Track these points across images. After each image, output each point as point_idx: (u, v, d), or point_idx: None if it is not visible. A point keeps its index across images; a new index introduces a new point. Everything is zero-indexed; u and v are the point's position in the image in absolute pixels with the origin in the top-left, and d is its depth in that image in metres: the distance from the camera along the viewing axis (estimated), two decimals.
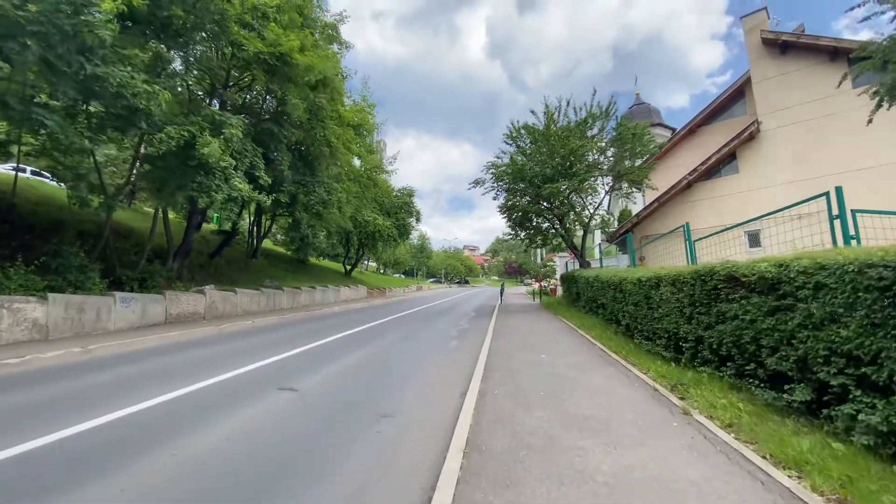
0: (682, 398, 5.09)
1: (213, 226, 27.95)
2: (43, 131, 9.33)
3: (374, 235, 31.65)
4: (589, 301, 14.43)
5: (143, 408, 5.04)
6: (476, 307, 23.90)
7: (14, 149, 12.29)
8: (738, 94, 20.80)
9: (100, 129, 11.33)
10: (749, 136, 17.82)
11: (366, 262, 54.20)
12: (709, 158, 18.28)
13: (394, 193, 36.49)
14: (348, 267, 37.89)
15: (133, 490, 3.14)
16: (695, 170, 18.51)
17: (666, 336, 7.00)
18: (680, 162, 21.53)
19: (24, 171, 18.01)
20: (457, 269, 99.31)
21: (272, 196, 15.20)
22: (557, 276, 38.43)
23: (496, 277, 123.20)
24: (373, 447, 3.93)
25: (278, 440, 4.12)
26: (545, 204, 19.77)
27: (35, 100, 9.57)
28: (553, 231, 21.85)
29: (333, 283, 28.58)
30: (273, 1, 13.57)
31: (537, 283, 34.62)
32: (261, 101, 17.83)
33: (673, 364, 6.50)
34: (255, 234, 24.60)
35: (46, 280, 9.85)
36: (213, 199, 12.06)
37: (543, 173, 17.82)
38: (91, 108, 10.77)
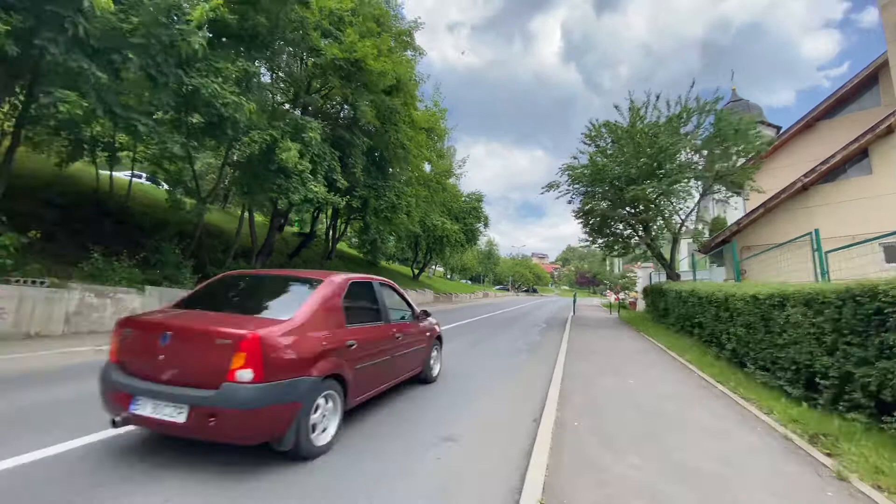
0: (829, 454, 3.94)
1: (294, 228, 29.72)
2: (152, 139, 10.22)
3: (442, 240, 31.63)
4: (681, 318, 12.81)
5: None
6: (547, 318, 22.70)
7: (127, 156, 13.77)
8: (870, 81, 17.60)
9: (197, 137, 12.32)
10: (887, 130, 14.87)
11: (433, 266, 54.71)
12: (832, 157, 15.55)
13: (462, 198, 36.31)
14: (416, 271, 38.35)
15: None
16: (812, 170, 15.86)
17: (793, 368, 5.69)
18: (790, 162, 18.67)
19: (140, 177, 20.35)
20: (524, 277, 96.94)
21: (346, 198, 15.57)
22: (638, 289, 35.56)
23: (566, 287, 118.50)
24: (433, 480, 3.42)
25: (334, 449, 3.77)
26: (627, 209, 18.17)
27: (153, 115, 10.58)
28: (636, 239, 20.05)
29: (401, 286, 28.98)
30: (348, 4, 13.89)
31: (614, 296, 32.26)
32: (339, 109, 18.50)
33: (804, 405, 5.22)
34: (330, 236, 25.67)
35: (146, 274, 10.76)
36: (291, 200, 12.54)
37: (627, 174, 16.34)
38: (192, 120, 11.72)
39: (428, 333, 6.58)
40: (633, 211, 18.24)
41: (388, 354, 5.08)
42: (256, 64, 13.18)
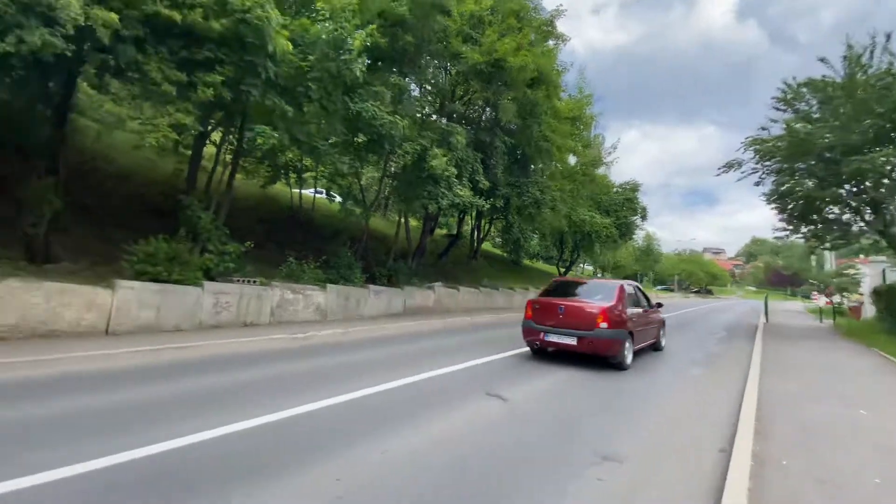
0: None
1: (442, 230, 31.55)
2: (328, 161, 11.98)
3: (591, 236, 29.55)
4: None
5: (368, 393, 5.47)
6: (727, 325, 19.17)
7: (311, 176, 16.40)
8: None
9: (360, 155, 13.99)
10: None
11: (581, 264, 51.69)
12: None
13: (613, 189, 33.34)
14: (562, 269, 36.74)
15: (348, 480, 3.16)
16: None
17: None
18: None
19: (320, 192, 24.17)
20: (695, 276, 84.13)
21: (490, 201, 15.74)
22: (864, 290, 27.30)
23: (752, 288, 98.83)
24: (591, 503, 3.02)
25: (482, 459, 3.69)
26: (846, 187, 14.07)
27: (328, 140, 12.47)
28: (859, 225, 15.40)
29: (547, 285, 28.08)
30: (487, 3, 13.97)
31: (825, 299, 25.43)
32: (480, 113, 18.87)
33: None
34: (475, 237, 26.41)
35: (326, 274, 12.62)
36: (440, 204, 13.24)
37: (844, 142, 12.62)
38: (358, 140, 13.36)
39: (660, 317, 10.67)
40: (854, 189, 14.04)
41: (644, 326, 9.06)
42: (406, 80, 14.30)
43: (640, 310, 9.08)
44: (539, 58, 15.87)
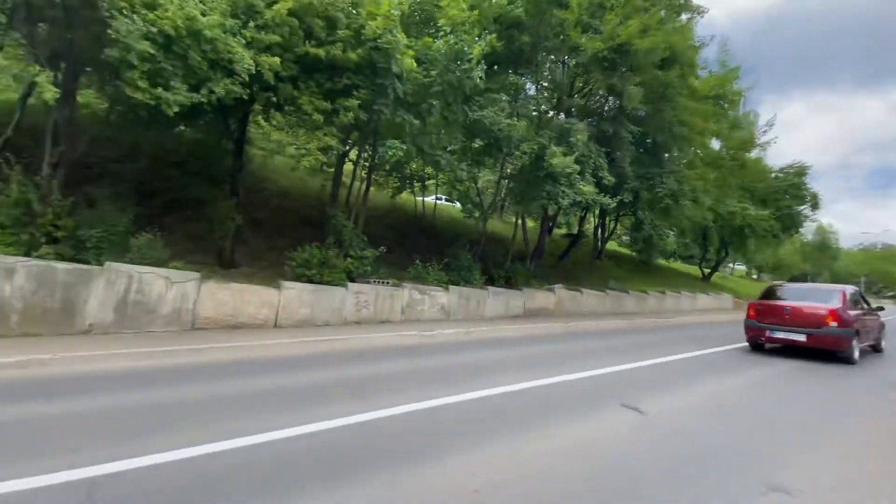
0: None
1: (561, 230, 30.39)
2: (447, 169, 12.55)
3: (742, 230, 25.46)
4: None
5: (495, 393, 5.54)
6: None
7: (432, 184, 17.32)
8: None
9: (477, 160, 14.31)
10: None
11: (730, 264, 44.85)
12: None
13: (772, 175, 28.24)
14: (706, 270, 32.35)
15: (483, 476, 3.26)
16: None
17: None
18: None
19: (440, 199, 25.36)
20: (891, 276, 66.50)
21: (617, 198, 14.68)
22: None
23: None
24: None
25: (616, 476, 3.45)
26: None
27: (447, 148, 13.10)
28: None
29: (687, 288, 24.96)
30: None
31: None
32: (602, 103, 17.72)
33: None
34: (599, 235, 24.84)
35: (448, 276, 13.18)
36: (560, 204, 12.79)
37: None
38: (474, 145, 13.73)
39: (879, 321, 11.27)
40: None
41: (866, 327, 10.02)
42: (522, 79, 14.18)
43: (861, 311, 10.04)
44: (670, 35, 14.31)
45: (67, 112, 8.00)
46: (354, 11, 8.60)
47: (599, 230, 24.77)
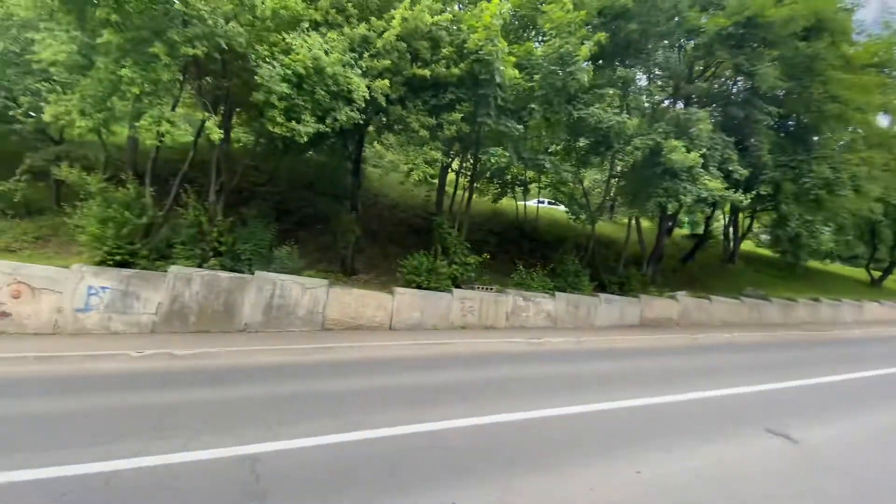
0: None
1: (683, 230, 27.41)
2: (550, 172, 12.27)
3: None
4: None
5: (612, 407, 5.21)
6: None
7: (534, 187, 17.03)
8: None
9: (583, 160, 13.70)
10: None
11: None
12: None
13: None
14: (876, 274, 26.34)
15: (601, 492, 3.12)
16: None
17: None
18: None
19: (542, 202, 24.80)
20: None
21: (751, 193, 12.81)
22: None
23: None
24: None
25: None
26: None
27: (548, 150, 12.87)
28: None
29: (850, 295, 20.63)
30: None
31: None
32: (729, 86, 15.67)
33: None
34: (730, 235, 21.86)
35: (554, 281, 12.79)
36: (681, 201, 11.60)
37: None
38: (579, 144, 13.20)
39: None
40: None
41: None
42: (632, 70, 13.22)
43: None
44: (813, 1, 12.13)
45: (226, 148, 9.67)
46: (456, 28, 8.94)
47: (731, 229, 21.80)
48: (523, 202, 18.76)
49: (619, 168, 15.31)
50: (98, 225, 7.51)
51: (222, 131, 8.18)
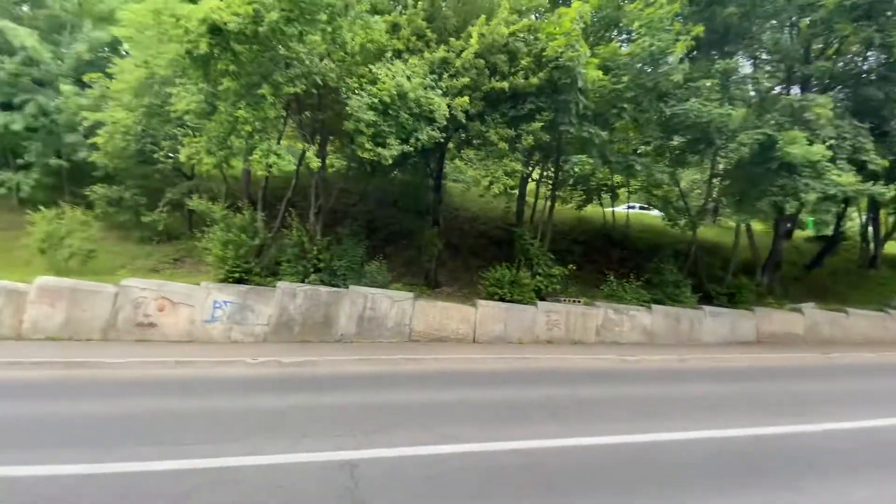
0: None
1: (806, 232, 23.77)
2: (642, 174, 11.48)
3: None
4: None
5: (729, 435, 4.63)
6: None
7: (623, 192, 16.05)
8: None
9: (680, 160, 12.63)
10: None
11: None
12: None
13: None
14: None
15: None
16: None
17: None
18: None
19: (633, 207, 23.24)
20: None
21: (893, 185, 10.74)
22: None
23: None
24: None
25: None
26: None
27: (637, 150, 12.10)
28: None
29: None
30: None
31: None
32: (858, 63, 13.40)
33: None
34: (870, 236, 18.44)
35: (650, 293, 11.83)
36: (803, 200, 10.11)
37: None
38: (672, 143, 12.21)
39: None
40: None
41: None
42: (733, 59, 11.95)
43: None
44: None
45: (322, 173, 10.59)
46: (533, 38, 8.86)
47: (871, 228, 18.42)
48: (611, 208, 17.76)
49: (721, 166, 13.85)
50: (221, 247, 8.64)
51: (319, 159, 8.97)
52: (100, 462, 3.45)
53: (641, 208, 24.68)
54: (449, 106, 8.38)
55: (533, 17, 10.83)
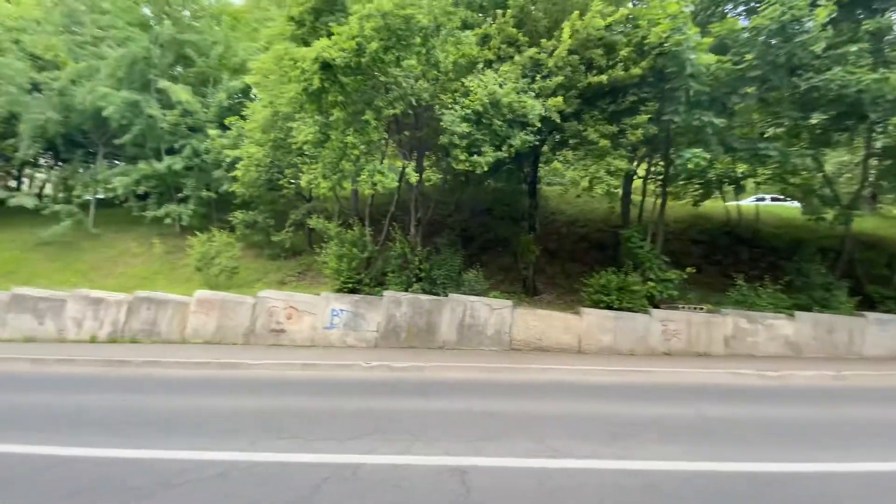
0: None
1: None
2: (774, 159, 9.98)
3: None
4: None
5: (892, 470, 3.73)
6: None
7: (750, 183, 14.06)
8: None
9: (822, 140, 10.73)
10: None
11: None
12: None
13: None
14: None
15: None
16: None
17: None
18: None
19: (763, 199, 20.21)
20: None
21: None
22: None
23: None
24: None
25: None
26: None
27: (764, 134, 10.61)
28: None
29: None
30: None
31: None
32: None
33: None
34: None
35: (792, 298, 10.12)
36: None
37: None
38: (811, 121, 10.44)
39: None
40: None
41: None
42: (885, 17, 9.83)
43: None
44: None
45: (420, 187, 11.10)
46: (632, 27, 8.29)
47: None
48: (735, 202, 15.69)
49: (879, 144, 11.48)
50: (336, 260, 9.52)
51: (417, 174, 9.42)
52: (246, 451, 3.99)
53: (773, 200, 21.47)
54: (543, 107, 8.21)
55: (630, 4, 10.16)
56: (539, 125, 8.20)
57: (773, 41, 7.85)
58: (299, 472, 3.64)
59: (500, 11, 8.96)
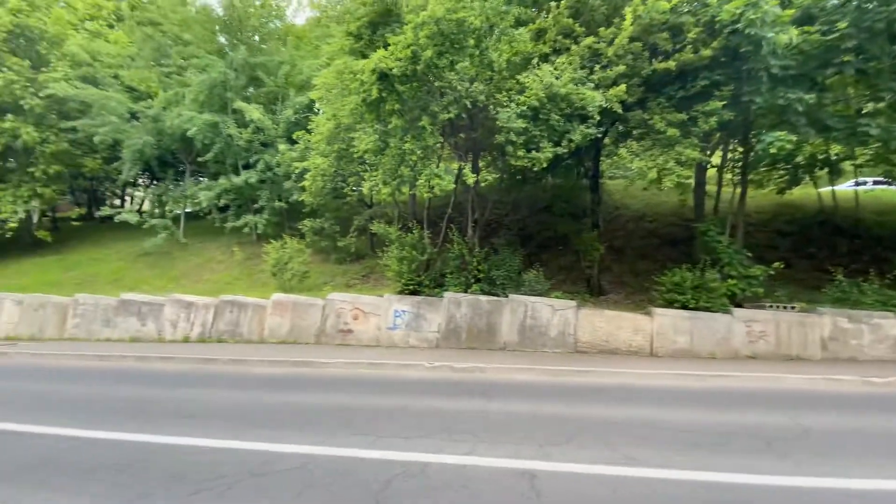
0: None
1: None
2: (869, 139, 8.81)
3: None
4: None
5: None
6: None
7: (847, 166, 12.49)
8: None
9: None
10: None
11: None
12: None
13: None
14: None
15: None
16: None
17: None
18: None
19: (864, 183, 17.84)
20: None
21: None
22: None
23: None
24: None
25: None
26: None
27: (860, 111, 9.40)
28: None
29: None
30: None
31: None
32: None
33: None
34: None
35: None
36: None
37: None
38: None
39: None
40: None
41: None
42: None
43: None
44: None
45: (477, 188, 11.10)
46: (701, 5, 7.71)
47: None
48: (830, 187, 14.03)
49: None
50: (397, 263, 9.80)
51: (474, 174, 9.43)
52: (322, 445, 4.22)
53: (875, 183, 18.90)
54: (604, 97, 7.86)
55: None
56: (599, 117, 7.88)
57: (870, 5, 6.91)
58: (371, 467, 3.78)
59: (554, 3, 8.73)
